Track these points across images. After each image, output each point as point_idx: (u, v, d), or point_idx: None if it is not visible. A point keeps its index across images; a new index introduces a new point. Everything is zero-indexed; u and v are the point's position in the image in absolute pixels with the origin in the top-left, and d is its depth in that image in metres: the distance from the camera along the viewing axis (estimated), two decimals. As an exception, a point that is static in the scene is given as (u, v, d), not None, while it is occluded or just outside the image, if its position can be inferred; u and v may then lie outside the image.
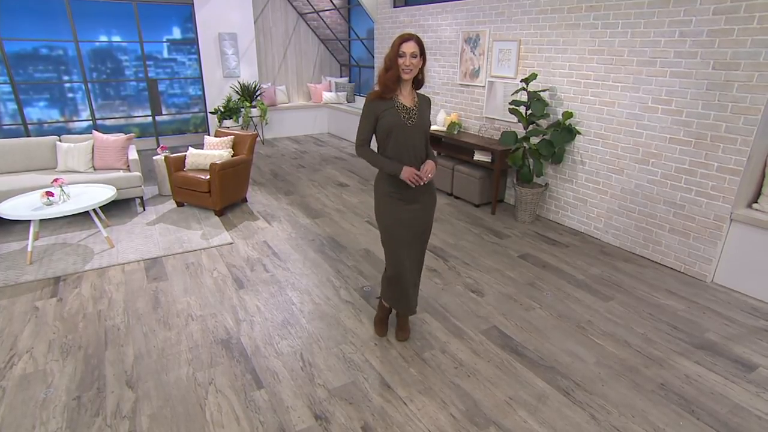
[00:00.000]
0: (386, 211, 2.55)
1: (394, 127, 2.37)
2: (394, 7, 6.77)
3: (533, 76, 4.41)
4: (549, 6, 4.46)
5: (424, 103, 2.49)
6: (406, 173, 2.39)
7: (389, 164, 2.43)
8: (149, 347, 2.81)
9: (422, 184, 2.43)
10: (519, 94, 4.61)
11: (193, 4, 7.79)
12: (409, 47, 2.28)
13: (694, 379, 2.55)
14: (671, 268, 3.84)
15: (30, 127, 7.43)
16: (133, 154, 5.16)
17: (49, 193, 3.87)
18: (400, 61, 2.29)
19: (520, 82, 4.51)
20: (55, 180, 3.99)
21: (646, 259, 4.02)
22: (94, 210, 4.24)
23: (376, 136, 2.46)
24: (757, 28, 3.05)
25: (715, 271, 3.59)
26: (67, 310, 3.18)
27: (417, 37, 2.30)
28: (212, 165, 4.68)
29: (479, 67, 5.39)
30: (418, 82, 2.45)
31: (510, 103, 4.56)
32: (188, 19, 8.20)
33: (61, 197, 3.97)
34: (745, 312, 3.22)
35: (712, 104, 3.38)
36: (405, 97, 2.41)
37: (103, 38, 7.75)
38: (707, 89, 3.39)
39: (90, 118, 7.85)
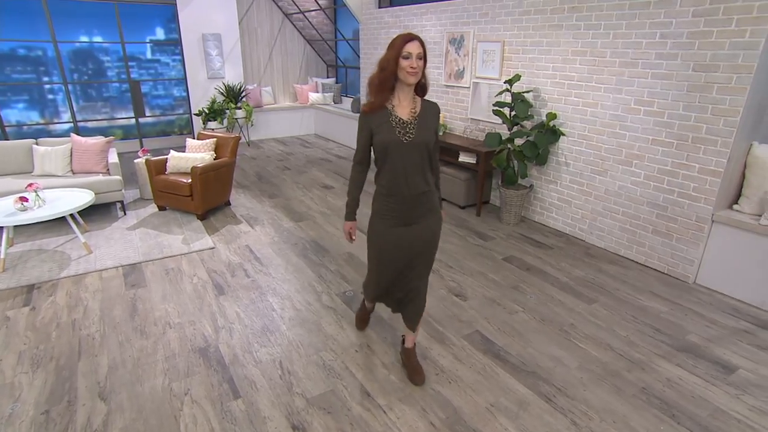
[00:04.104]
0: (379, 232, 2.30)
1: (389, 146, 2.09)
2: (379, 7, 6.74)
3: (517, 78, 4.40)
4: (532, 7, 4.45)
5: (429, 112, 2.16)
6: (345, 227, 2.45)
7: (347, 205, 2.41)
8: (124, 357, 2.74)
9: (352, 241, 2.46)
10: (503, 95, 4.59)
11: (175, 4, 7.68)
12: (414, 47, 2.00)
13: (675, 383, 2.55)
14: (655, 270, 3.84)
15: (9, 129, 7.27)
16: (113, 158, 5.06)
17: (23, 199, 3.77)
18: (405, 63, 2.00)
19: (504, 83, 4.50)
20: (30, 185, 3.89)
21: (630, 260, 4.02)
22: (71, 215, 4.15)
23: (374, 154, 2.20)
24: (735, 30, 3.06)
25: (698, 272, 3.60)
26: (40, 319, 3.09)
27: (419, 37, 2.04)
28: (193, 168, 4.61)
29: (464, 68, 5.37)
30: (422, 88, 2.16)
31: (494, 105, 4.55)
32: (172, 20, 8.08)
33: (36, 202, 3.87)
34: (726, 313, 3.22)
35: (692, 106, 3.39)
36: (403, 109, 2.11)
37: (84, 39, 7.61)
38: (688, 91, 3.40)
39: (71, 120, 7.70)
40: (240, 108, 8.19)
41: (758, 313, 3.22)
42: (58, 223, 4.62)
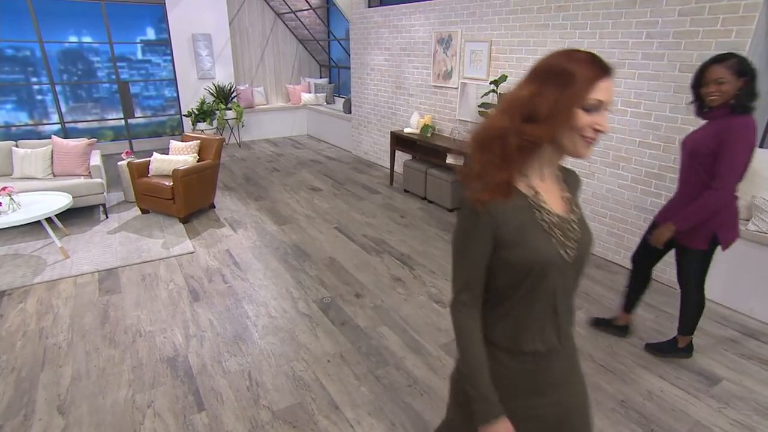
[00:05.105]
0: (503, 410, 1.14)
1: (546, 269, 1.07)
2: (369, 6, 6.65)
3: (503, 78, 4.31)
4: (519, 6, 4.36)
5: (574, 189, 1.20)
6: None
7: (476, 388, 1.12)
8: (89, 367, 2.66)
9: None
10: (489, 96, 4.50)
11: (164, 4, 7.60)
12: (610, 89, 1.01)
13: (656, 395, 2.46)
14: (642, 275, 3.75)
15: (-4, 131, 7.22)
16: (95, 160, 4.99)
17: (-4, 203, 3.70)
18: (589, 120, 1.00)
19: (490, 83, 4.41)
20: (3, 188, 3.82)
21: (617, 265, 3.93)
22: (49, 219, 4.07)
23: (493, 279, 1.12)
24: (721, 30, 2.96)
25: (685, 277, 3.51)
26: (6, 328, 3.02)
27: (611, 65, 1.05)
28: (175, 171, 4.53)
29: (452, 69, 5.28)
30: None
31: (479, 106, 4.46)
32: (162, 20, 8.01)
33: (10, 206, 3.80)
34: (713, 321, 3.13)
35: (679, 107, 3.30)
36: (551, 193, 1.12)
37: (73, 39, 7.55)
38: (675, 92, 3.30)
39: (59, 121, 7.63)
40: (230, 109, 8.11)
41: (745, 320, 3.13)
42: (37, 226, 4.53)
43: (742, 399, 2.43)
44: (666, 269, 3.57)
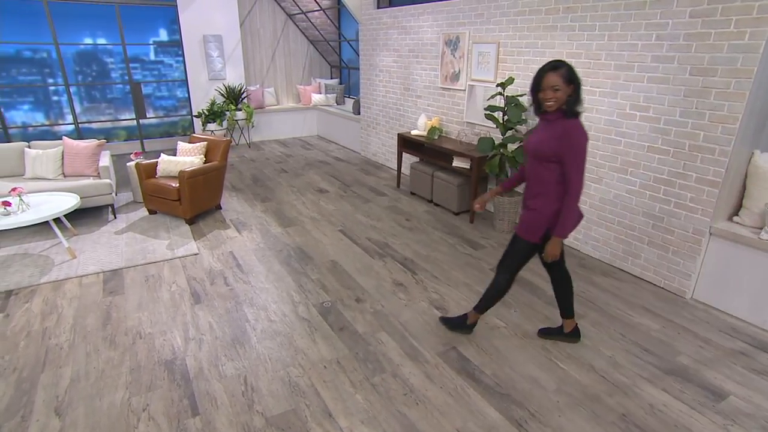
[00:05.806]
0: None
1: None
2: (378, 8, 6.62)
3: (510, 81, 4.24)
4: (527, 7, 4.29)
5: None
6: None
7: None
8: (89, 369, 2.69)
9: None
10: (496, 98, 4.44)
11: (176, 5, 7.67)
12: None
13: (658, 409, 2.39)
14: (650, 283, 3.66)
15: (14, 131, 7.36)
16: (104, 161, 5.05)
17: (6, 203, 3.76)
18: None
19: (497, 86, 4.35)
20: (14, 189, 3.89)
21: (625, 272, 3.84)
22: (57, 219, 4.13)
23: None
24: (734, 32, 2.86)
25: (695, 287, 3.41)
26: (11, 327, 3.06)
27: None
28: (181, 173, 4.56)
29: (459, 70, 5.22)
30: None
31: (485, 109, 4.40)
32: (175, 21, 8.09)
33: (20, 207, 3.86)
34: (723, 332, 3.03)
35: (689, 112, 3.20)
36: None
37: (88, 41, 7.66)
38: (685, 96, 3.21)
39: (73, 121, 7.76)
40: (240, 109, 8.16)
41: (757, 332, 3.03)
42: (46, 226, 4.61)
43: (750, 416, 2.35)
44: (675, 277, 3.48)
